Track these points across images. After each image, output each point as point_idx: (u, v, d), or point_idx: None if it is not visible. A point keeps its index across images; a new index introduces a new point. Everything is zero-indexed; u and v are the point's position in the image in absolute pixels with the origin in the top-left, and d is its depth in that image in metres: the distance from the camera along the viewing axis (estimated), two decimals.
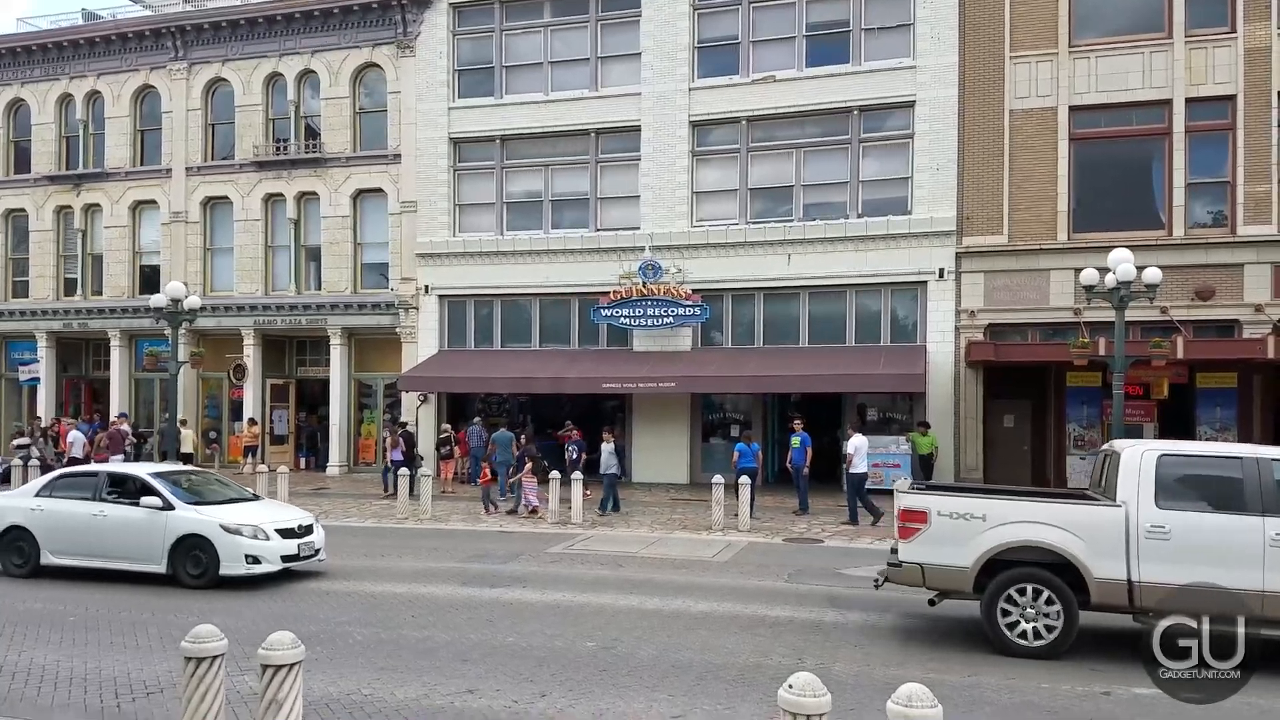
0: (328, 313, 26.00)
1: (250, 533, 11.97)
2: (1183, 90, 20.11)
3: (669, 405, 23.13)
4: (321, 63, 26.18)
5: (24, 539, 12.57)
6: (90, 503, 12.57)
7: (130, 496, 12.44)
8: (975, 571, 8.93)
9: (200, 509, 12.30)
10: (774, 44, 22.83)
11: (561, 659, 8.71)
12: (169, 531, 12.00)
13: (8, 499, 13.34)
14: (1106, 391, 18.69)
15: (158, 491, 12.30)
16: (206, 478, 14.25)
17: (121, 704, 7.58)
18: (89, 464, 22.79)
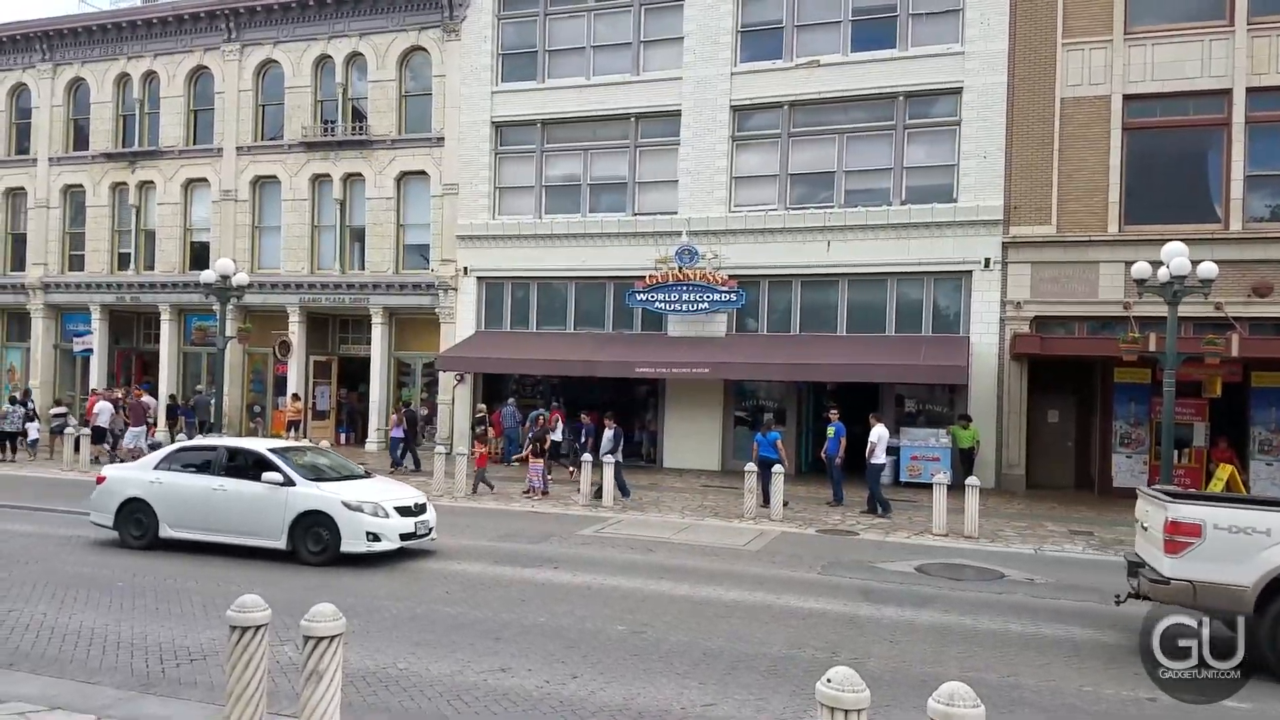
0: (370, 292, 26.30)
1: (371, 510, 11.84)
2: (1243, 80, 19.42)
3: (702, 391, 23.03)
4: (369, 46, 26.41)
5: (143, 511, 12.59)
6: (210, 476, 12.53)
7: (250, 471, 12.37)
8: (1257, 592, 8.20)
9: (320, 485, 12.19)
10: (818, 28, 22.53)
11: (592, 641, 8.70)
12: (290, 507, 11.90)
13: (127, 471, 13.35)
14: (1156, 389, 18.23)
15: (278, 467, 12.17)
16: (319, 454, 14.05)
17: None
18: (117, 435, 23.49)
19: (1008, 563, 13.03)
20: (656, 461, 23.76)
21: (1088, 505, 18.99)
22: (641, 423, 24.72)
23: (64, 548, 12.85)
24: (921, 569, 12.49)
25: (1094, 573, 12.57)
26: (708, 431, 23.18)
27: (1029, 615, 10.18)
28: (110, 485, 12.99)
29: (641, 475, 21.54)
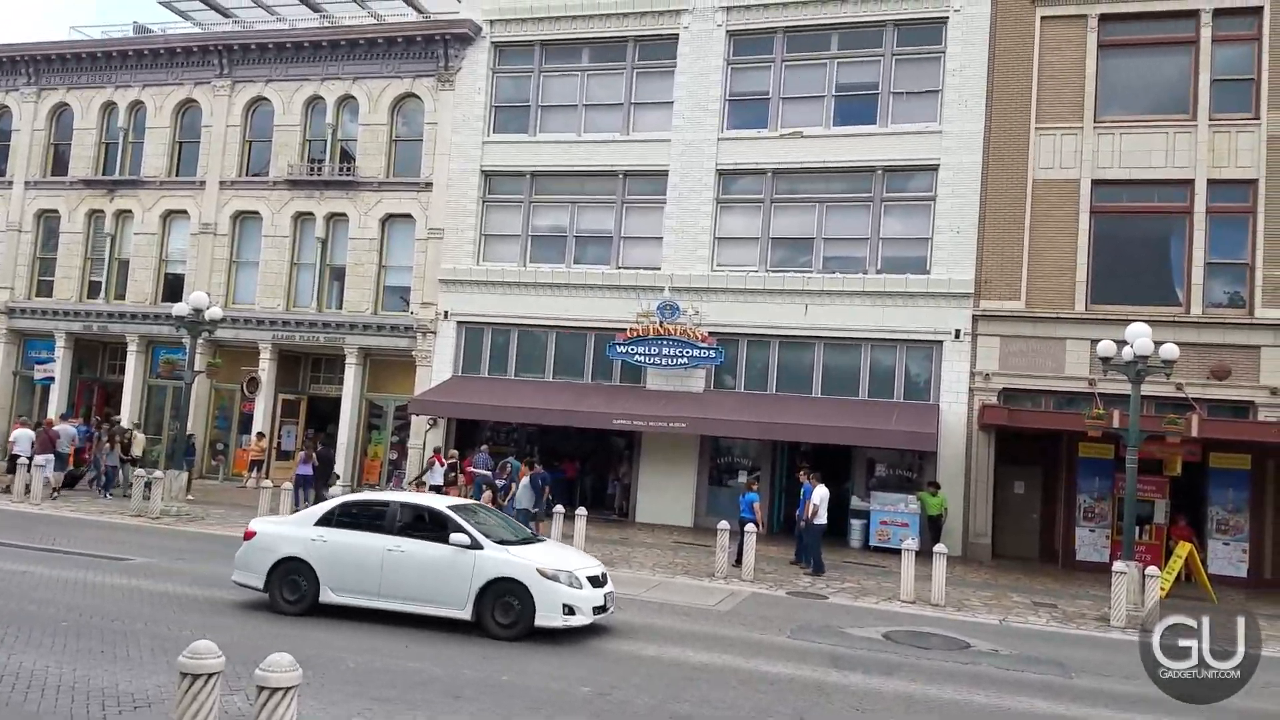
0: (346, 332, 26.27)
1: (566, 579, 10.83)
2: (1205, 171, 20.37)
3: (677, 446, 23.20)
4: (362, 90, 26.76)
5: (301, 572, 11.29)
6: (383, 536, 11.28)
7: (428, 531, 11.27)
8: None
9: (509, 549, 11.19)
10: (803, 101, 23.27)
11: (557, 702, 8.58)
12: (477, 573, 10.81)
13: (283, 527, 11.98)
14: (1118, 465, 18.72)
15: (463, 528, 11.10)
16: (487, 512, 13.06)
17: None
18: (93, 463, 22.88)
19: (973, 633, 13.18)
20: (629, 515, 23.80)
21: (1051, 577, 19.30)
22: (616, 475, 24.81)
23: (189, 610, 11.47)
24: (889, 636, 12.59)
25: (1057, 646, 12.80)
26: (681, 487, 23.31)
27: (993, 686, 10.29)
28: (262, 542, 11.64)
29: (613, 529, 21.57)
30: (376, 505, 11.96)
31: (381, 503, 12.04)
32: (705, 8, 23.82)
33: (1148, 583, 14.68)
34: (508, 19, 25.43)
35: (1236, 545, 20.00)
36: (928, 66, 22.49)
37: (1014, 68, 21.66)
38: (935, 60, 22.39)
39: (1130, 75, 21.36)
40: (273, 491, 20.32)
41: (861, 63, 22.96)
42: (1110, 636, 13.81)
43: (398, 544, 11.19)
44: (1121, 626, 14.29)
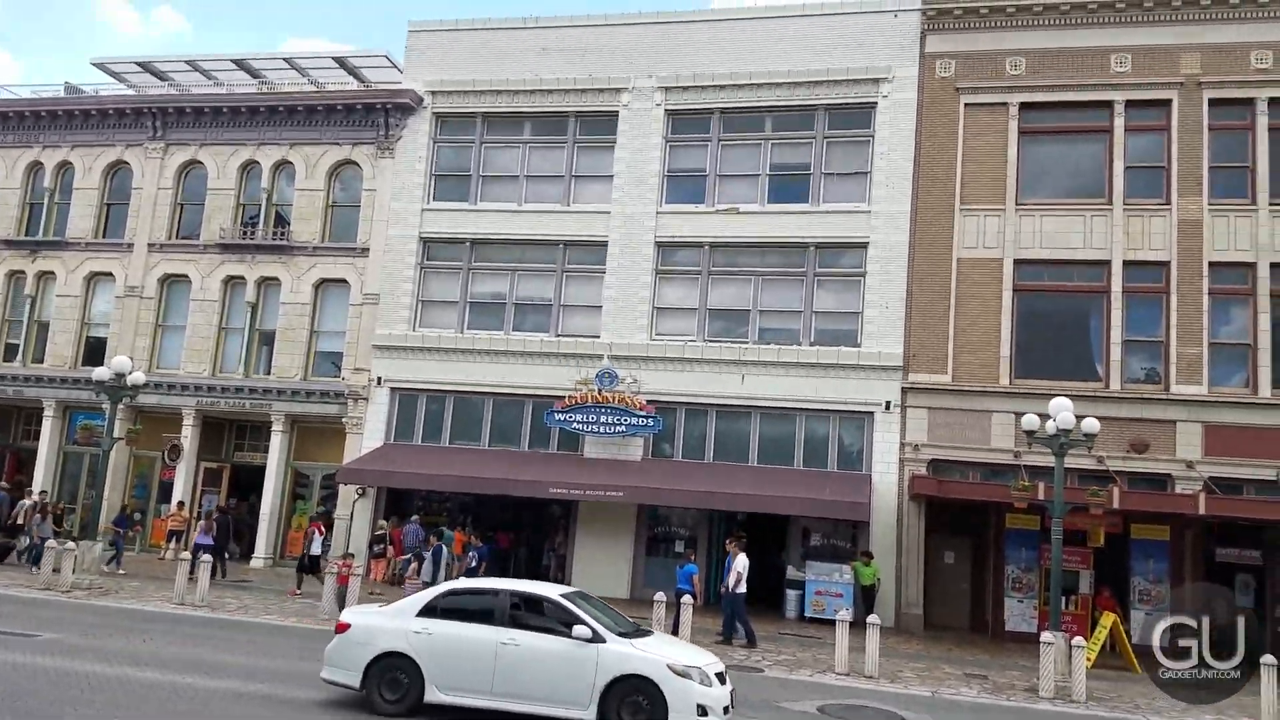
0: (274, 398, 25.69)
1: (699, 677, 10.06)
2: (1120, 253, 21.41)
3: (614, 515, 23.03)
4: (300, 155, 26.69)
5: (403, 669, 10.41)
6: (493, 628, 10.45)
7: (541, 621, 10.56)
8: None
9: (634, 642, 10.43)
10: (739, 179, 23.94)
11: None
12: (601, 669, 10.02)
13: (381, 619, 11.01)
14: (1044, 535, 19.13)
15: (585, 620, 10.32)
16: (589, 600, 11.97)
17: None
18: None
19: (907, 705, 13.20)
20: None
21: (982, 648, 19.48)
22: (551, 545, 24.45)
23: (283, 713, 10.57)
24: (824, 710, 12.55)
25: (987, 716, 12.87)
26: (618, 557, 23.06)
27: None
28: (357, 635, 10.73)
29: None
30: (484, 593, 11.14)
31: (490, 590, 11.20)
32: (644, 88, 24.49)
33: (1074, 653, 14.90)
34: (450, 91, 25.76)
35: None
36: (857, 149, 23.37)
37: (940, 152, 22.64)
38: (865, 143, 23.29)
39: (1050, 161, 22.49)
40: (195, 563, 19.49)
41: (794, 144, 23.77)
42: (1038, 708, 13.95)
43: (511, 637, 10.35)
44: (1050, 697, 14.47)
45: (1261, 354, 20.52)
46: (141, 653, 13.29)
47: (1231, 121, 21.47)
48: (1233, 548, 20.58)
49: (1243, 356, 20.80)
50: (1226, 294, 21.06)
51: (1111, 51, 22.03)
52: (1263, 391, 20.39)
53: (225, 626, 16.24)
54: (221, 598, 18.97)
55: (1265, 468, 19.79)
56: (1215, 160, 21.39)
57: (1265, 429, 20.17)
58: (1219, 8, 21.50)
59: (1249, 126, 21.33)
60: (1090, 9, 22.07)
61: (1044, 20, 22.34)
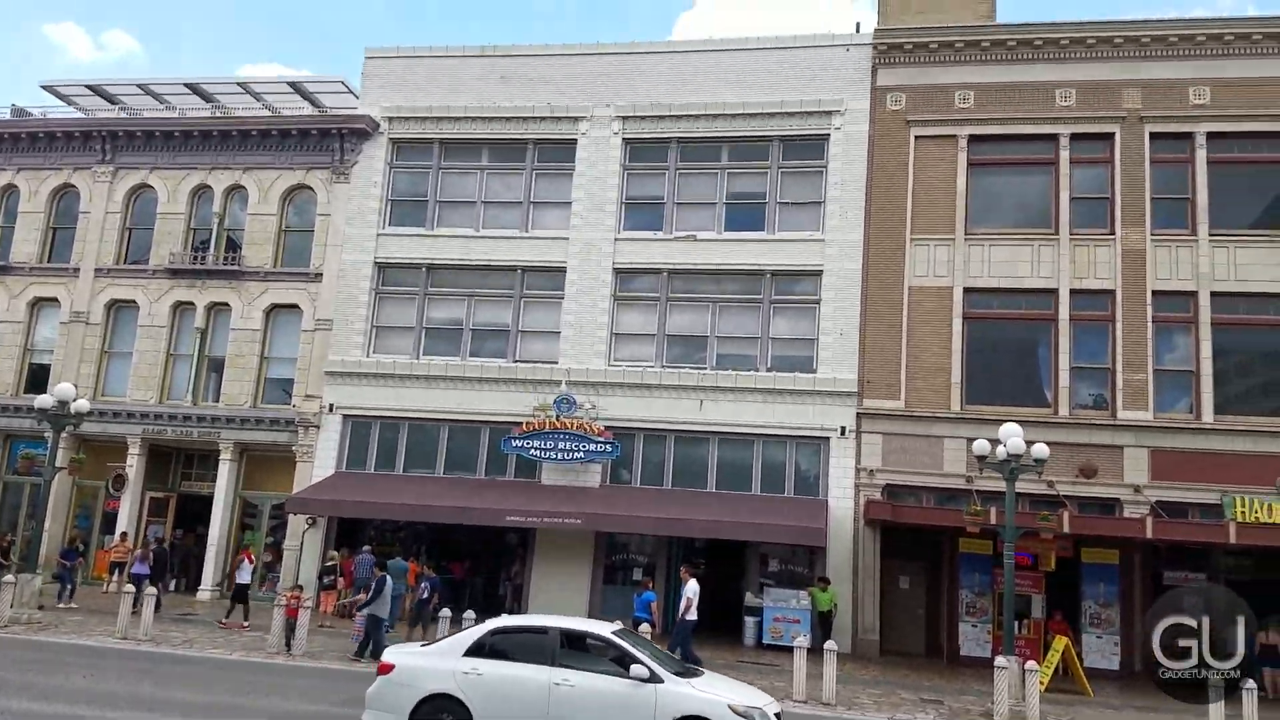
0: (222, 426, 25.18)
1: (760, 717, 9.88)
2: (1068, 282, 21.92)
3: (572, 542, 22.84)
4: (253, 180, 26.40)
5: (451, 711, 10.05)
6: (545, 667, 10.20)
7: (594, 660, 10.33)
8: None
9: (691, 682, 10.24)
10: (697, 207, 24.16)
11: None
12: (660, 711, 9.80)
13: (427, 659, 10.62)
14: (997, 560, 19.33)
15: (641, 659, 10.10)
16: (639, 637, 11.86)
17: None
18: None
19: None
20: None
21: (938, 673, 19.58)
22: (508, 575, 24.15)
23: None
24: None
25: None
26: (576, 586, 22.83)
27: None
28: (401, 676, 10.40)
29: None
30: (534, 631, 10.91)
31: (539, 628, 10.96)
32: (602, 116, 24.66)
33: (1028, 678, 15.04)
34: (406, 117, 25.71)
35: (1109, 638, 20.77)
36: (811, 179, 23.73)
37: (891, 182, 23.06)
38: (818, 174, 23.66)
39: (998, 191, 23.02)
40: (136, 596, 18.97)
41: (750, 174, 24.06)
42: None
43: (564, 676, 10.11)
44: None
45: (1204, 380, 21.07)
46: (81, 689, 12.85)
47: (1172, 154, 22.17)
48: (1180, 570, 21.00)
49: (1186, 383, 21.34)
50: (1170, 322, 21.63)
51: (1056, 86, 22.68)
52: (1206, 417, 20.91)
53: (170, 661, 15.79)
54: (166, 631, 18.44)
55: (1209, 491, 20.26)
56: (1157, 192, 22.05)
57: (1209, 453, 20.66)
58: (1158, 45, 22.27)
59: (1189, 159, 22.04)
60: (1035, 45, 22.73)
61: (991, 55, 22.95)
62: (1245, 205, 21.97)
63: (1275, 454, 20.06)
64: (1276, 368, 21.56)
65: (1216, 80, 22.05)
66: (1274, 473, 19.70)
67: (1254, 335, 21.58)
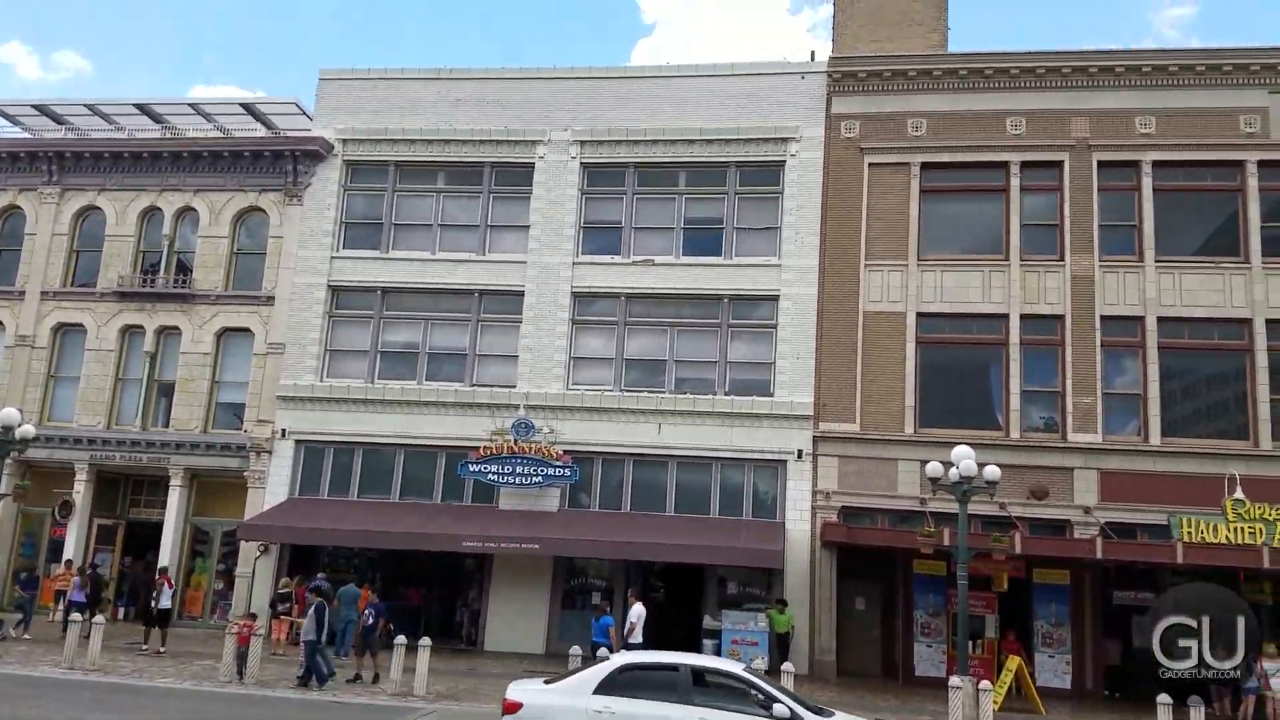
0: (172, 451, 24.71)
1: None
2: (1018, 307, 22.31)
3: (530, 568, 22.68)
4: (204, 202, 26.05)
5: None
6: (682, 706, 9.81)
7: (728, 698, 9.95)
8: None
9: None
10: (654, 231, 24.27)
11: None
12: None
13: (555, 696, 10.25)
14: (951, 581, 19.50)
15: (780, 698, 9.78)
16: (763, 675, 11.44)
17: None
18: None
19: None
20: (477, 644, 22.86)
21: (893, 694, 19.69)
22: (465, 601, 23.90)
23: None
24: None
25: None
26: (534, 611, 22.66)
27: None
28: (531, 714, 10.03)
29: (460, 660, 20.64)
30: (664, 667, 10.54)
31: (670, 665, 10.58)
32: (560, 141, 24.71)
33: (982, 697, 15.18)
34: (361, 139, 25.55)
35: (1061, 657, 21.04)
36: (768, 205, 23.95)
37: (846, 208, 23.35)
38: (774, 199, 23.89)
39: (950, 218, 23.40)
40: (82, 625, 18.48)
41: (707, 199, 24.24)
42: None
43: (702, 716, 9.72)
44: None
45: (1151, 403, 21.52)
46: None
47: (1119, 182, 22.71)
48: (1129, 590, 21.37)
49: (1134, 406, 21.78)
50: (1118, 346, 22.09)
51: (1007, 115, 23.16)
52: (1153, 439, 21.35)
53: (118, 691, 15.45)
54: (115, 660, 18.06)
55: (1157, 512, 20.64)
56: (1105, 219, 22.54)
57: (1156, 475, 21.08)
58: (1105, 75, 22.84)
59: (1135, 187, 22.58)
60: (986, 74, 23.21)
61: (943, 84, 23.39)
62: (1190, 232, 22.55)
63: (1220, 475, 20.45)
64: (1221, 390, 22.07)
65: (1162, 110, 22.65)
66: (1219, 493, 20.08)
67: (1199, 359, 22.10)
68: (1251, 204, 22.01)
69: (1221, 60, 22.45)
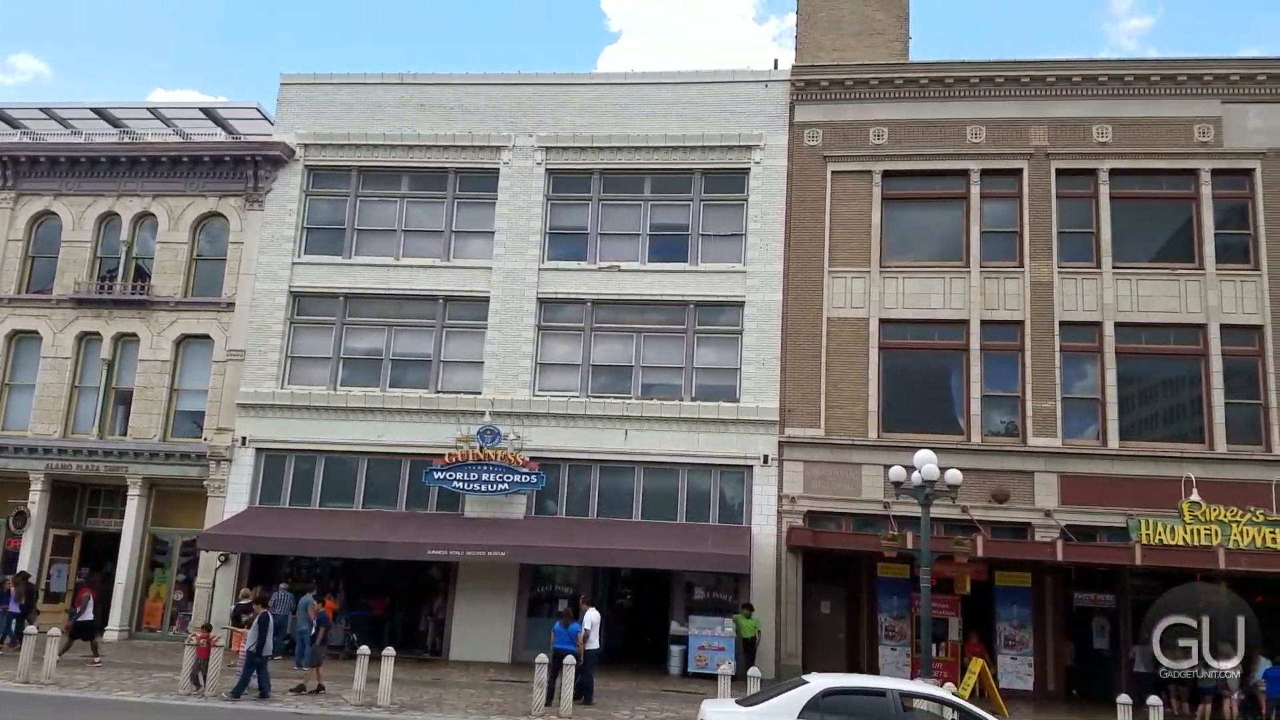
0: (130, 460, 24.29)
1: None
2: (978, 313, 22.58)
3: (496, 575, 22.54)
4: (162, 207, 25.67)
5: None
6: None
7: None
8: None
9: None
10: (620, 238, 24.26)
11: None
12: None
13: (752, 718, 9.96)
14: (915, 584, 19.68)
15: None
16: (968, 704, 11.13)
17: None
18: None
19: None
20: (442, 653, 22.66)
21: None
22: (429, 610, 23.67)
23: None
24: None
25: None
26: (500, 619, 22.50)
27: None
28: None
29: (425, 669, 20.48)
30: (871, 692, 10.32)
31: (876, 690, 10.37)
32: (525, 147, 24.65)
33: None
34: (323, 144, 25.31)
35: (1023, 659, 21.28)
36: (732, 212, 24.05)
37: (809, 216, 23.51)
38: (739, 207, 23.99)
39: (912, 225, 23.65)
40: (37, 639, 18.09)
41: (673, 205, 24.28)
42: None
43: None
44: None
45: (1110, 407, 21.86)
46: None
47: (1077, 190, 23.06)
48: (1089, 592, 21.69)
49: (1093, 410, 22.11)
50: (1077, 351, 22.41)
51: (967, 124, 23.47)
52: (1112, 443, 21.68)
53: (74, 705, 15.18)
54: (71, 674, 17.70)
55: (1116, 515, 20.95)
56: (1063, 226, 22.88)
57: (1115, 478, 21.40)
58: (1063, 85, 23.21)
59: (1093, 195, 22.94)
60: (947, 83, 23.50)
61: (904, 93, 23.65)
62: (1146, 239, 22.94)
63: (1177, 478, 20.80)
64: (1177, 395, 22.48)
65: (1118, 119, 23.06)
66: (1177, 496, 20.44)
67: (1156, 364, 22.48)
68: (1205, 211, 22.45)
69: (1176, 71, 22.90)
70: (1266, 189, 22.35)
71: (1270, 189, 22.34)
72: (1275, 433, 21.32)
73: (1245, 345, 21.96)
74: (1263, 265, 22.13)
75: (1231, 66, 22.82)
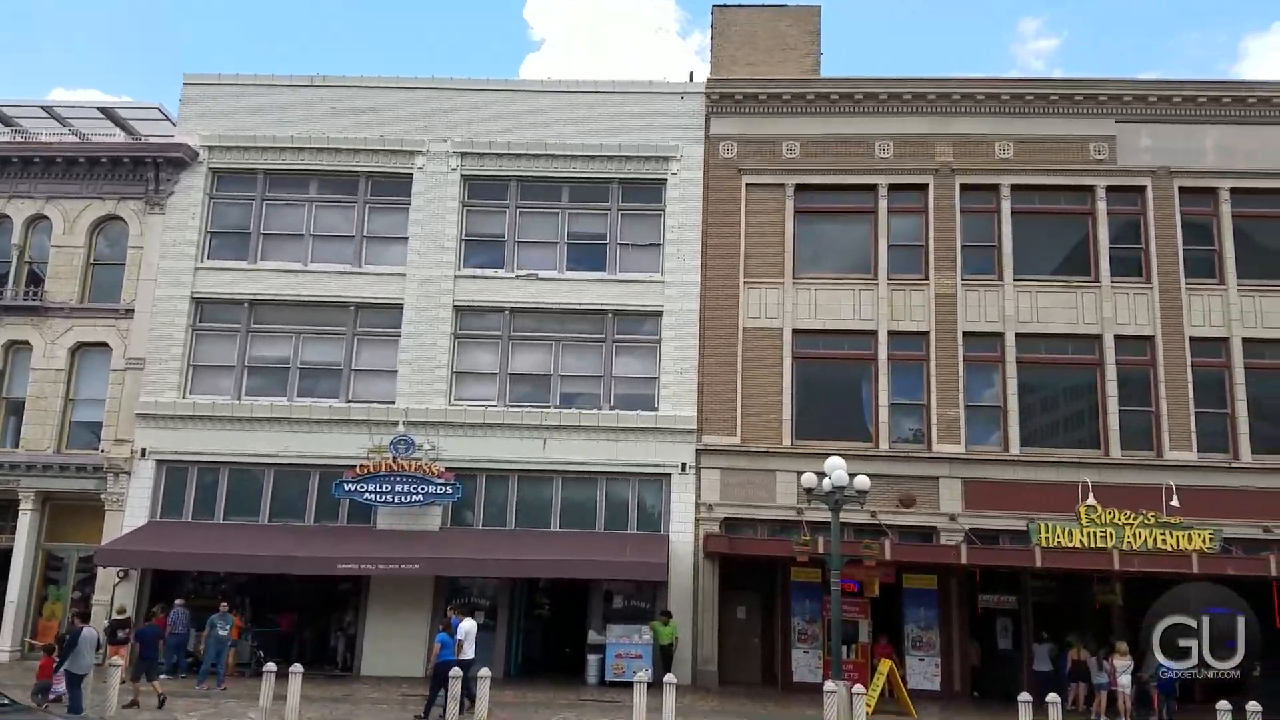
0: (22, 473, 23.16)
1: None
2: (886, 324, 23.18)
3: (410, 589, 22.13)
4: (57, 210, 24.58)
5: None
6: None
7: None
8: None
9: None
10: (538, 246, 24.17)
11: None
12: None
13: None
14: (826, 588, 20.02)
15: None
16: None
17: None
18: None
19: None
20: (353, 669, 22.12)
21: (773, 701, 20.06)
22: (340, 625, 23.10)
23: None
24: None
25: None
26: (414, 634, 22.05)
27: None
28: None
29: (335, 686, 19.97)
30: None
31: None
32: (439, 152, 24.37)
33: (855, 701, 15.62)
34: (229, 146, 24.59)
35: (930, 660, 21.85)
36: (650, 221, 24.20)
37: (725, 227, 23.82)
38: (657, 217, 24.16)
39: (823, 238, 24.14)
40: None
41: (591, 214, 24.30)
42: None
43: None
44: None
45: (1011, 415, 22.65)
46: None
47: (980, 205, 23.87)
48: (993, 594, 22.36)
49: (996, 417, 22.88)
50: (980, 361, 23.16)
51: (876, 139, 24.09)
52: (1013, 450, 22.46)
53: None
54: None
55: (1017, 519, 21.59)
56: (967, 240, 23.65)
57: (1016, 483, 22.15)
58: (967, 102, 24.02)
59: (995, 210, 23.78)
60: (856, 99, 24.09)
61: (816, 108, 24.16)
62: (1046, 253, 23.85)
63: (1075, 483, 21.60)
64: (1075, 403, 23.41)
65: (1019, 136, 23.95)
66: (1074, 500, 21.24)
67: (1055, 373, 23.38)
68: (1101, 227, 23.47)
69: (1073, 90, 23.93)
70: (1157, 206, 23.48)
71: (1160, 206, 23.48)
72: (1166, 439, 22.37)
73: (1138, 355, 23.01)
74: (1154, 279, 23.23)
75: (1125, 88, 23.93)
